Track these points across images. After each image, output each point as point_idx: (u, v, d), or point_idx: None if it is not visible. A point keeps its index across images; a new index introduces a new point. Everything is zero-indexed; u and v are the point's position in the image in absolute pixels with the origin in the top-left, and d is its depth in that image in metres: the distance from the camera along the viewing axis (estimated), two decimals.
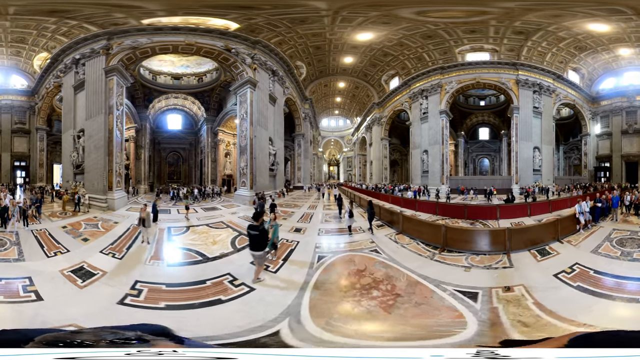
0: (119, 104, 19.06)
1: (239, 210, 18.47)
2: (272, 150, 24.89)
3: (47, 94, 24.90)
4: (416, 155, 30.51)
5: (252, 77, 21.66)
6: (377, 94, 34.07)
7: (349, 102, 38.56)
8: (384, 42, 24.59)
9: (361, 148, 41.18)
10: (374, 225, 13.05)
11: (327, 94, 36.63)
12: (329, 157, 48.53)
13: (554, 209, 15.89)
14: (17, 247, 8.37)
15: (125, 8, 16.83)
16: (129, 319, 5.24)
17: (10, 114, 25.82)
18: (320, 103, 38.10)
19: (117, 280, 6.91)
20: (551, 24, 20.72)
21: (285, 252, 10.03)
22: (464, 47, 25.40)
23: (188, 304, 6.13)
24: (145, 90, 30.16)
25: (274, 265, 8.93)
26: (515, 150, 26.18)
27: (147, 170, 31.86)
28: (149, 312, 5.67)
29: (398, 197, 22.66)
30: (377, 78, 31.96)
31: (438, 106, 28.07)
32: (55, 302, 5.61)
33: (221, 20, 18.85)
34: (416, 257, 9.77)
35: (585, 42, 23.57)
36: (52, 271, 6.99)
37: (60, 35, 20.64)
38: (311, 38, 22.96)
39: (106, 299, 6.04)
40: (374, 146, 36.68)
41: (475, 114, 37.44)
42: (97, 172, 18.50)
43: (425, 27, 22.12)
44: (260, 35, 21.25)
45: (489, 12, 17.38)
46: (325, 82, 33.07)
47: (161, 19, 18.51)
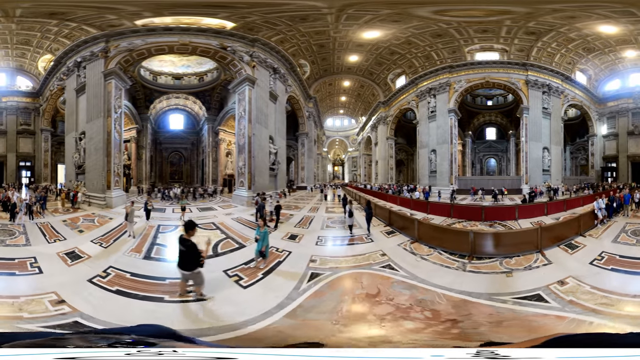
0: (117, 107, 19.90)
1: (235, 211, 18.40)
2: (273, 149, 24.58)
3: (52, 95, 25.69)
4: (423, 154, 30.37)
5: (251, 75, 21.61)
6: (382, 92, 33.98)
7: (354, 101, 38.59)
8: (392, 40, 24.62)
9: (366, 148, 40.96)
10: (383, 231, 12.70)
11: (331, 93, 36.65)
12: (334, 157, 48.44)
13: (568, 208, 17.02)
14: (24, 236, 10.67)
15: (110, 10, 17.22)
16: (85, 292, 6.71)
17: (16, 116, 26.75)
18: (325, 102, 38.10)
19: (96, 264, 8.47)
20: (564, 24, 20.86)
21: (271, 263, 8.84)
22: (473, 46, 25.53)
23: (133, 293, 6.86)
24: (146, 91, 30.83)
25: (249, 279, 7.68)
26: (525, 150, 26.67)
27: (149, 170, 32.64)
28: (100, 290, 6.94)
29: (407, 198, 21.73)
30: (383, 77, 32.00)
31: (446, 105, 28.06)
32: (51, 275, 7.67)
33: (215, 19, 19.11)
34: (444, 270, 8.67)
35: (594, 43, 24.05)
36: (50, 253, 9.07)
37: (63, 38, 21.48)
38: (314, 36, 22.92)
39: (81, 276, 7.63)
40: (380, 146, 36.49)
41: (483, 113, 37.76)
42: (96, 172, 19.62)
43: (437, 25, 22.45)
44: (259, 34, 21.25)
45: (511, 12, 17.94)
46: (330, 80, 33.10)
47: (154, 20, 18.92)
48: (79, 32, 20.47)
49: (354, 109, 40.68)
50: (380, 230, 13.28)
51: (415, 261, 9.32)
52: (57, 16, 18.82)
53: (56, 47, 22.54)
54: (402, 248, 10.64)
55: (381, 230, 13.20)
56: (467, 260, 9.39)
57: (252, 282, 7.55)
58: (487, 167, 40.16)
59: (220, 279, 7.61)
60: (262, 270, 8.30)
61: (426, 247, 10.59)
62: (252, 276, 7.88)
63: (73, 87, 21.62)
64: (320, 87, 33.99)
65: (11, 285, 6.91)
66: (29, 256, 8.59)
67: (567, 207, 17.11)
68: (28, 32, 21.26)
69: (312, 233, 12.87)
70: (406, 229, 12.53)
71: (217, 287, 7.05)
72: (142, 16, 18.12)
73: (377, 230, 13.18)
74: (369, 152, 40.46)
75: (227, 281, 7.61)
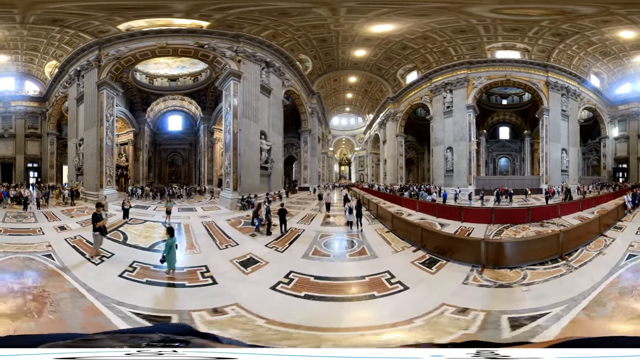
0: (109, 115, 22.66)
1: (214, 214, 18.10)
2: (266, 145, 23.65)
3: (57, 101, 28.60)
4: (438, 152, 30.50)
5: (236, 69, 21.53)
6: (391, 88, 34.06)
7: (360, 98, 38.69)
8: (406, 34, 24.55)
9: (374, 146, 41.48)
10: (417, 261, 9.22)
11: (337, 89, 36.83)
12: (340, 157, 49.31)
13: (596, 203, 19.98)
14: (34, 218, 15.72)
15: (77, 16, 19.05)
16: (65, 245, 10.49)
17: (24, 119, 30.02)
18: (330, 99, 38.29)
19: (75, 233, 12.32)
20: (593, 28, 21.73)
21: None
22: (495, 44, 25.83)
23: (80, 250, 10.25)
24: (142, 95, 33.03)
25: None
26: (545, 151, 28.14)
27: (147, 171, 35.12)
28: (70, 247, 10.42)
29: (429, 203, 19.76)
30: (392, 72, 32.12)
31: (464, 100, 28.48)
32: (49, 236, 11.78)
33: (188, 20, 20.27)
34: None
35: (611, 47, 25.22)
36: (50, 226, 13.67)
37: (65, 44, 23.56)
38: (311, 30, 22.85)
39: (64, 236, 11.83)
40: (388, 143, 36.72)
41: (497, 112, 38.44)
42: (92, 174, 22.93)
43: (466, 22, 23.76)
44: (244, 30, 21.40)
45: (568, 12, 18.83)
46: (335, 76, 33.21)
47: (131, 23, 20.43)
48: (77, 39, 22.57)
49: (361, 106, 40.82)
50: (412, 258, 9.46)
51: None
52: (57, 23, 20.80)
53: (60, 54, 24.76)
54: (477, 287, 7.42)
55: (414, 260, 9.28)
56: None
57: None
58: (500, 166, 41.15)
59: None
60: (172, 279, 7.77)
61: (509, 271, 8.09)
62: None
63: (74, 96, 24.41)
64: (324, 83, 34.02)
65: (29, 240, 11.01)
66: (37, 227, 13.41)
67: (596, 202, 20.12)
68: (36, 39, 23.38)
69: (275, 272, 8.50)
70: (458, 252, 9.27)
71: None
72: (115, 21, 19.84)
73: (406, 257, 9.68)
74: (377, 150, 40.99)
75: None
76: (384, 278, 7.89)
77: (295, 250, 10.72)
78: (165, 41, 21.25)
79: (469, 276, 7.97)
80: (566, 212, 17.18)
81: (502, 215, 16.09)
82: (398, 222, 13.29)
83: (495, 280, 7.76)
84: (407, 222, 12.80)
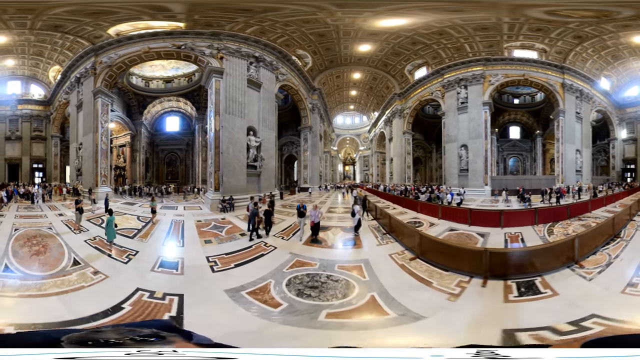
0: (103, 122, 25.25)
1: (191, 214, 19.20)
2: (254, 141, 23.38)
3: (60, 106, 31.66)
4: (451, 150, 30.34)
5: (217, 66, 22.16)
6: (398, 85, 34.20)
7: (365, 95, 38.86)
8: (419, 29, 24.61)
9: (379, 145, 41.48)
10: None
11: (340, 86, 36.99)
12: (344, 157, 49.89)
13: (615, 200, 22.94)
14: (40, 209, 19.92)
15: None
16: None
17: (30, 122, 33.29)
18: (333, 96, 38.50)
19: (66, 218, 16.92)
20: (612, 32, 22.70)
21: None
22: (514, 42, 26.48)
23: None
24: (138, 98, 35.61)
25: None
26: (561, 152, 29.96)
27: (144, 172, 38.29)
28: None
29: (455, 208, 18.52)
30: (399, 68, 32.26)
31: (480, 97, 28.91)
32: (50, 220, 16.33)
33: (164, 22, 21.64)
34: None
35: (622, 51, 26.32)
36: (52, 214, 18.11)
37: (66, 50, 25.76)
38: (304, 25, 22.90)
39: (58, 219, 16.47)
40: (395, 141, 36.57)
41: (509, 111, 39.19)
42: (89, 174, 26.04)
43: (497, 19, 22.62)
44: (226, 28, 21.94)
45: (609, 14, 19.85)
46: (338, 72, 33.39)
47: (118, 27, 22.10)
48: (76, 45, 24.66)
49: (365, 104, 40.83)
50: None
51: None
52: (58, 29, 22.74)
53: (62, 59, 27.27)
54: None
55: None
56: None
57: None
58: (510, 166, 42.36)
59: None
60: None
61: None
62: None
63: (74, 103, 27.24)
64: (326, 80, 34.14)
65: (37, 221, 16.03)
66: (43, 214, 18.12)
67: (615, 199, 23.09)
68: (41, 44, 25.57)
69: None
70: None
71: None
72: (103, 26, 21.51)
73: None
74: (382, 149, 40.92)
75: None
76: None
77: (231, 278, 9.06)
78: (148, 46, 22.86)
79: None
80: (595, 207, 19.85)
81: (543, 214, 17.04)
82: (430, 243, 9.43)
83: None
84: (450, 246, 8.97)
